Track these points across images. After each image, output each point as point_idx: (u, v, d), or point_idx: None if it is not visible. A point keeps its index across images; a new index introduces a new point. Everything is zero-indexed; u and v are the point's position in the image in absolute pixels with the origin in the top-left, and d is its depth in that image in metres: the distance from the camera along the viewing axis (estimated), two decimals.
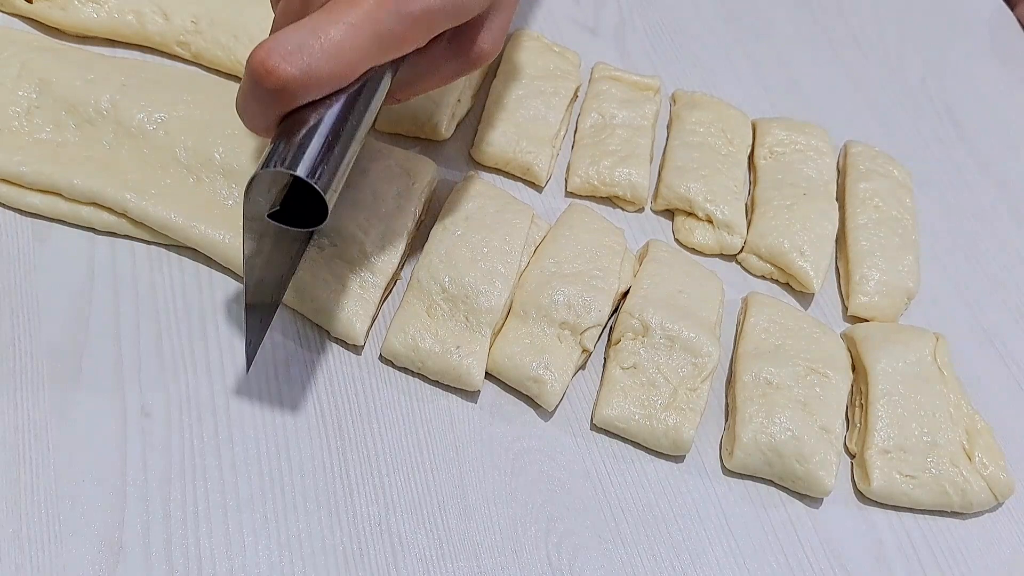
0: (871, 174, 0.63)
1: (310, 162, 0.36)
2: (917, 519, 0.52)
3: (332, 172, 0.37)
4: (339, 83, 0.38)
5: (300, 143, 0.37)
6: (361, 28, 0.37)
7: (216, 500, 0.45)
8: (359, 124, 0.39)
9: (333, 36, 0.36)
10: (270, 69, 0.36)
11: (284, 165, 0.36)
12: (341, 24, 0.37)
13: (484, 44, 0.43)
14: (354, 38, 0.37)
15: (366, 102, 0.39)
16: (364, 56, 0.37)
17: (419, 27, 0.39)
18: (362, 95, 0.39)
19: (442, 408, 0.50)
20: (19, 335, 0.47)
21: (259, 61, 0.36)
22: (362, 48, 0.37)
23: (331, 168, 0.37)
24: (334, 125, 0.38)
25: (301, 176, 0.36)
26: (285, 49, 0.36)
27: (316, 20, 0.37)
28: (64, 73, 0.53)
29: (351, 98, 0.39)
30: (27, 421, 0.45)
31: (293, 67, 0.36)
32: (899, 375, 0.53)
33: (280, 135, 0.38)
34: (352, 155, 0.39)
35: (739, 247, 0.60)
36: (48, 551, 0.42)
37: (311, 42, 0.36)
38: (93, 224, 0.51)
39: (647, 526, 0.49)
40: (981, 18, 0.81)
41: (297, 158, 0.36)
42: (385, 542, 0.45)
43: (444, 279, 0.50)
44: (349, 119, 0.38)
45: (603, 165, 0.59)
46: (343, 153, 0.38)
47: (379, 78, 0.40)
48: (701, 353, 0.51)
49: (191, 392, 0.47)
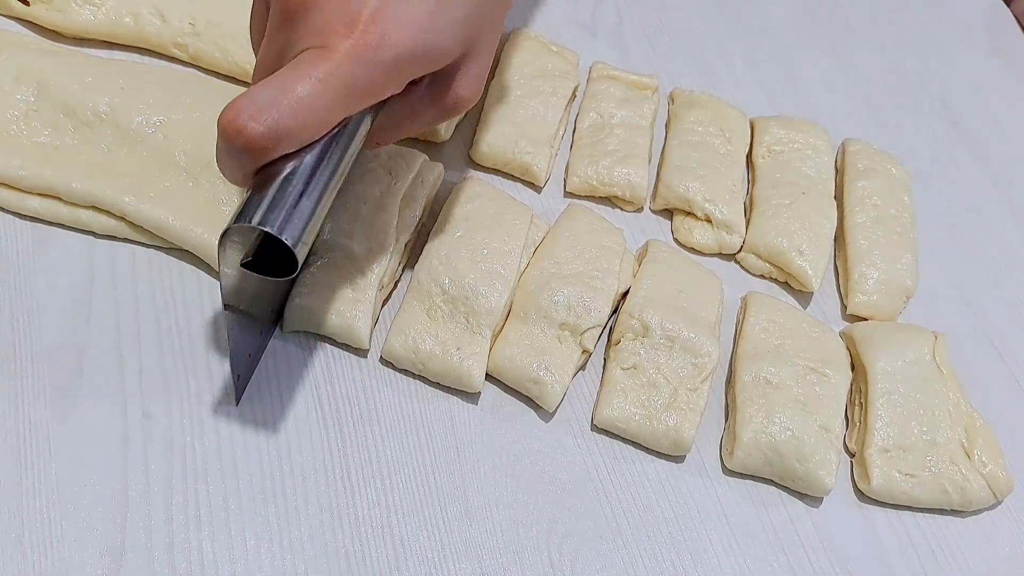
0: (869, 172, 0.63)
1: (280, 218, 0.37)
2: (917, 517, 0.52)
3: (302, 225, 0.38)
4: (309, 137, 0.38)
5: (272, 197, 0.37)
6: (329, 82, 0.37)
7: (218, 503, 0.45)
8: (334, 173, 0.40)
9: (300, 92, 0.36)
10: (239, 129, 0.36)
11: (254, 221, 0.37)
12: (309, 79, 0.37)
13: (461, 90, 0.43)
14: (323, 92, 0.37)
15: (341, 151, 0.40)
16: (334, 109, 0.38)
17: (390, 77, 0.39)
18: (337, 144, 0.39)
19: (443, 410, 0.50)
20: (20, 339, 0.47)
21: (228, 121, 0.36)
22: (331, 102, 0.37)
23: (300, 221, 0.38)
24: (307, 177, 0.38)
25: (271, 232, 0.37)
26: (253, 108, 0.36)
27: (284, 76, 0.37)
28: (62, 76, 0.52)
29: (325, 148, 0.39)
30: (28, 425, 0.45)
31: (261, 125, 0.36)
32: (898, 374, 0.53)
33: (254, 187, 0.38)
34: (326, 204, 0.40)
35: (738, 246, 0.60)
36: (50, 555, 0.42)
37: (279, 99, 0.36)
38: (92, 228, 0.51)
39: (648, 526, 0.49)
40: (978, 15, 0.81)
41: (267, 214, 0.37)
42: (387, 544, 0.45)
43: (444, 281, 0.50)
44: (323, 170, 0.39)
45: (602, 165, 0.59)
46: (315, 205, 0.38)
47: (356, 125, 0.40)
48: (701, 353, 0.51)
49: (192, 395, 0.47)
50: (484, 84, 0.44)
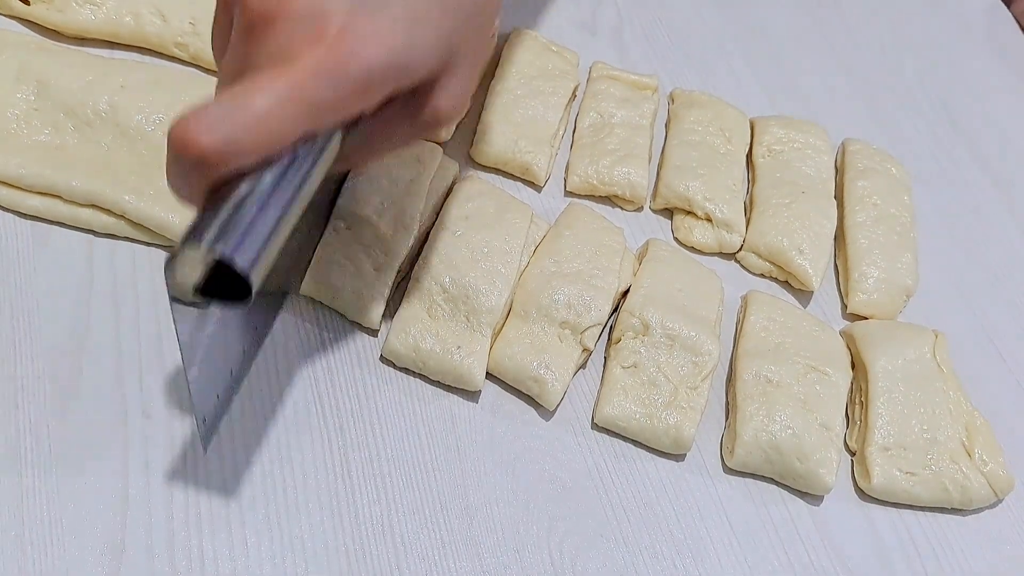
0: (869, 172, 0.63)
1: (233, 240, 0.33)
2: (917, 516, 0.52)
3: (257, 249, 0.34)
4: (266, 154, 0.35)
5: (225, 219, 0.34)
6: (290, 97, 0.34)
7: (218, 501, 0.45)
8: (296, 194, 0.36)
9: (258, 106, 0.34)
10: (188, 142, 0.33)
11: (204, 243, 0.33)
12: (268, 93, 0.34)
13: (441, 106, 0.40)
14: (282, 108, 0.34)
15: (304, 171, 0.36)
16: (293, 126, 0.35)
17: (358, 94, 0.36)
18: (300, 164, 0.36)
19: (443, 408, 0.50)
20: (19, 337, 0.47)
21: (178, 133, 0.34)
22: (291, 118, 0.34)
23: (254, 245, 0.34)
24: (264, 197, 0.35)
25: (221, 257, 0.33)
26: (207, 120, 0.33)
27: (242, 89, 0.34)
28: (62, 75, 0.52)
29: (287, 166, 0.35)
30: (28, 423, 0.45)
31: (213, 139, 0.33)
32: (899, 372, 0.53)
33: (207, 207, 0.35)
34: (287, 226, 0.36)
35: (738, 245, 0.60)
36: (50, 553, 0.42)
37: (234, 113, 0.34)
38: (92, 226, 0.51)
39: (648, 525, 0.49)
40: (978, 15, 0.81)
41: (219, 236, 0.33)
42: (387, 542, 0.45)
43: (445, 279, 0.50)
44: (282, 190, 0.35)
45: (602, 164, 0.59)
46: (273, 226, 0.35)
47: (323, 144, 0.37)
48: (701, 352, 0.51)
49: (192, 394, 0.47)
50: (467, 99, 0.41)
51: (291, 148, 0.35)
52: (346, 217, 0.51)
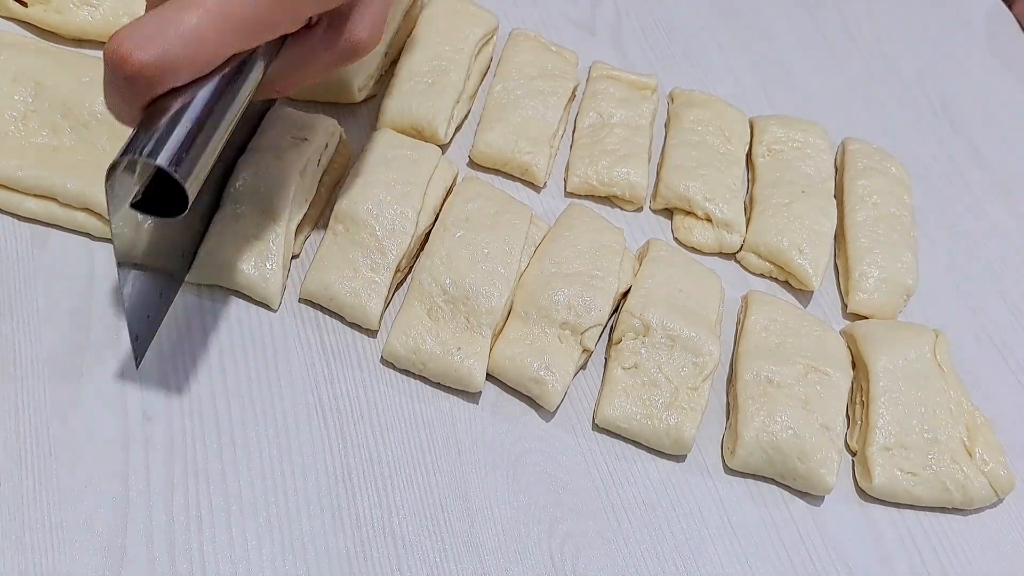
0: (869, 171, 0.63)
1: (170, 151, 0.36)
2: (918, 516, 0.52)
3: (193, 160, 0.36)
4: (198, 70, 0.37)
5: (162, 131, 0.36)
6: (220, 13, 0.36)
7: (219, 504, 0.45)
8: (225, 111, 0.38)
9: (189, 22, 0.35)
10: (124, 56, 0.35)
11: (143, 154, 0.35)
12: (199, 9, 0.36)
13: (359, 33, 0.42)
14: (213, 23, 0.36)
15: (233, 89, 0.38)
16: (224, 42, 0.37)
17: (283, 11, 0.38)
18: (229, 81, 0.38)
19: (443, 410, 0.50)
20: (20, 340, 0.47)
21: (113, 49, 0.35)
22: (222, 33, 0.36)
23: (192, 156, 0.36)
24: (198, 112, 0.37)
25: (161, 166, 0.35)
26: (140, 36, 0.35)
27: (173, 5, 0.36)
28: (60, 76, 0.52)
29: (217, 85, 0.38)
30: (29, 426, 0.45)
31: (147, 54, 0.35)
32: (900, 372, 0.53)
33: (143, 123, 0.37)
34: (218, 142, 0.38)
35: (738, 245, 0.60)
36: (51, 557, 0.42)
37: (167, 29, 0.35)
38: (88, 229, 0.50)
39: (649, 525, 0.49)
40: (978, 15, 0.81)
41: (157, 147, 0.36)
42: (388, 544, 0.45)
43: (445, 281, 0.50)
44: (216, 107, 0.38)
45: (601, 165, 0.59)
46: (206, 141, 0.37)
47: (250, 65, 0.39)
48: (702, 352, 0.51)
49: (192, 396, 0.47)
50: (382, 28, 0.43)
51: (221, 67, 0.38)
52: (344, 219, 0.51)
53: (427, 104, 0.57)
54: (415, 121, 0.57)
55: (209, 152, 0.38)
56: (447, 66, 0.59)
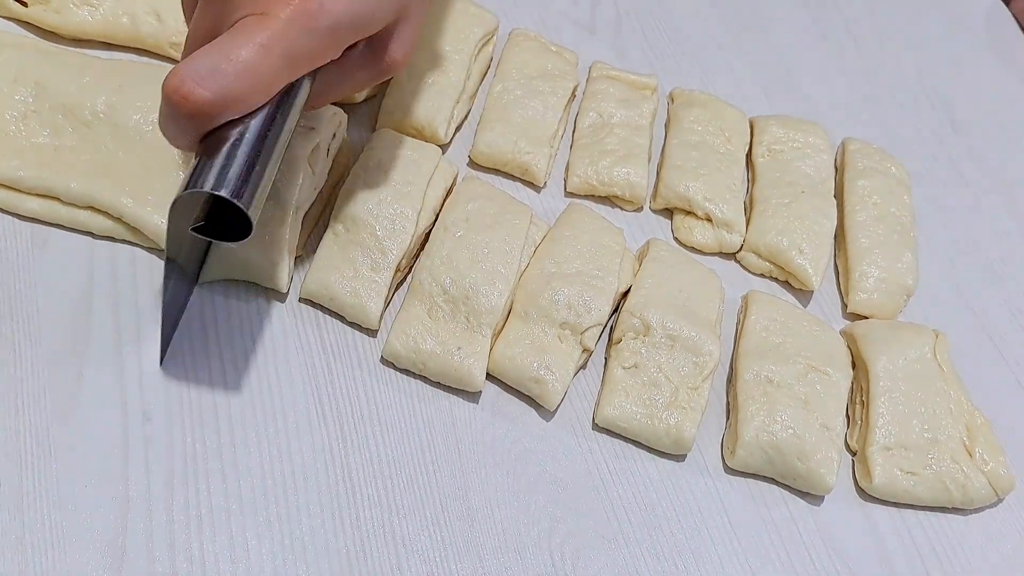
0: (869, 171, 0.63)
1: (234, 182, 0.38)
2: (918, 515, 0.52)
3: (254, 188, 0.38)
4: (255, 103, 0.38)
5: (223, 163, 0.38)
6: (272, 48, 0.38)
7: (219, 504, 0.45)
8: (279, 137, 0.40)
9: (245, 58, 0.37)
10: (185, 95, 0.36)
11: (209, 186, 0.37)
12: (252, 45, 0.37)
13: (395, 54, 0.45)
14: (266, 58, 0.37)
15: (284, 115, 0.40)
16: (277, 75, 0.38)
17: (329, 43, 0.40)
18: (281, 109, 0.40)
19: (444, 409, 0.50)
20: (19, 340, 0.47)
21: (173, 88, 0.37)
22: (274, 67, 0.38)
23: (253, 184, 0.38)
24: (255, 142, 0.39)
25: (226, 196, 0.37)
26: (198, 74, 0.37)
27: (227, 42, 0.37)
28: (60, 76, 0.52)
29: (271, 113, 0.40)
30: (29, 426, 0.45)
31: (207, 91, 0.36)
32: (900, 372, 0.53)
33: (202, 154, 0.39)
34: (274, 167, 0.40)
35: (738, 245, 0.60)
36: (51, 557, 0.42)
37: (223, 65, 0.37)
38: (91, 228, 0.50)
39: (649, 525, 0.49)
40: (978, 15, 0.81)
41: (221, 178, 0.37)
42: (388, 544, 0.45)
43: (445, 280, 0.50)
44: (269, 133, 0.39)
45: (601, 165, 0.59)
46: (264, 168, 0.39)
47: (297, 90, 0.41)
48: (702, 352, 0.51)
49: (192, 396, 0.47)
50: (415, 47, 0.46)
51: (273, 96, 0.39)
52: (344, 219, 0.51)
53: (427, 104, 0.57)
54: (415, 121, 0.57)
55: (267, 177, 0.39)
56: (447, 66, 0.59)
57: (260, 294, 0.51)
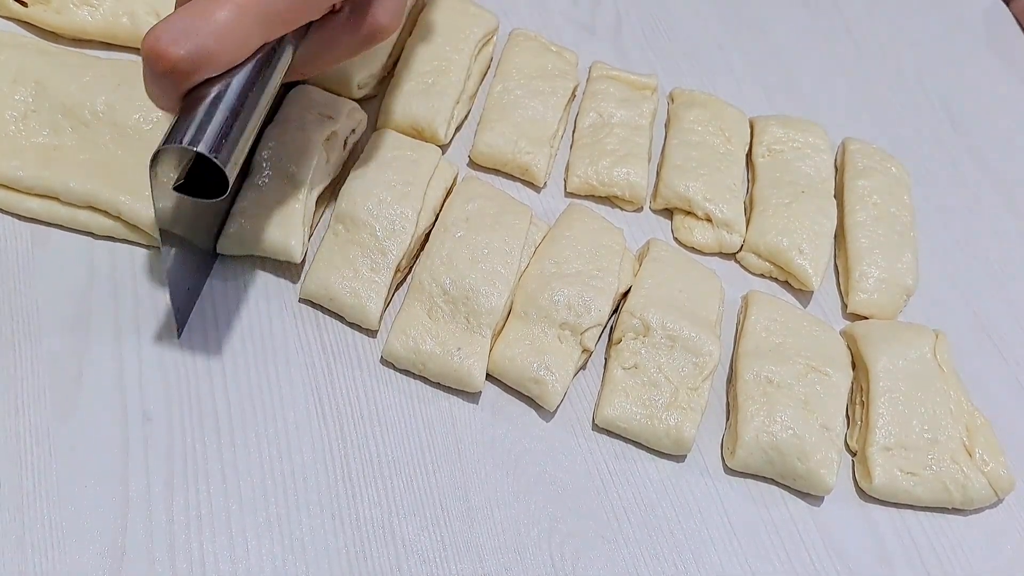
0: (869, 171, 0.63)
1: (211, 138, 0.38)
2: (918, 516, 0.52)
3: (232, 146, 0.39)
4: (231, 61, 0.39)
5: (200, 120, 0.38)
6: (248, 6, 0.38)
7: (219, 504, 0.45)
8: (259, 97, 0.40)
9: (220, 16, 0.38)
10: (160, 52, 0.37)
11: (185, 142, 0.38)
12: (228, 3, 0.38)
13: (380, 18, 0.44)
14: (242, 17, 0.38)
15: (266, 76, 0.41)
16: (254, 34, 0.39)
17: (307, 3, 0.40)
18: (262, 69, 0.40)
19: (443, 409, 0.50)
20: (19, 340, 0.47)
21: (150, 46, 0.37)
22: (251, 26, 0.38)
23: (231, 142, 0.39)
24: (234, 100, 0.39)
25: (203, 152, 0.38)
26: (174, 32, 0.37)
27: (203, 1, 0.38)
28: (60, 76, 0.52)
29: (250, 72, 0.40)
30: (28, 426, 0.45)
31: (182, 49, 0.37)
32: (900, 372, 0.53)
33: (182, 112, 0.39)
34: (253, 126, 0.41)
35: (738, 246, 0.60)
36: (51, 556, 0.42)
37: (199, 24, 0.37)
38: (91, 228, 0.50)
39: (649, 526, 0.49)
40: (977, 14, 0.81)
41: (198, 135, 0.38)
42: (388, 544, 0.45)
43: (445, 281, 0.50)
44: (249, 93, 0.40)
45: (601, 165, 0.59)
46: (243, 127, 0.40)
47: (279, 52, 0.41)
48: (702, 352, 0.51)
49: (192, 396, 0.47)
50: (403, 13, 0.45)
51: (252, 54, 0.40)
52: (344, 219, 0.51)
53: (427, 104, 0.57)
54: (415, 121, 0.57)
55: (246, 136, 0.40)
56: (447, 66, 0.59)
57: (261, 293, 0.51)
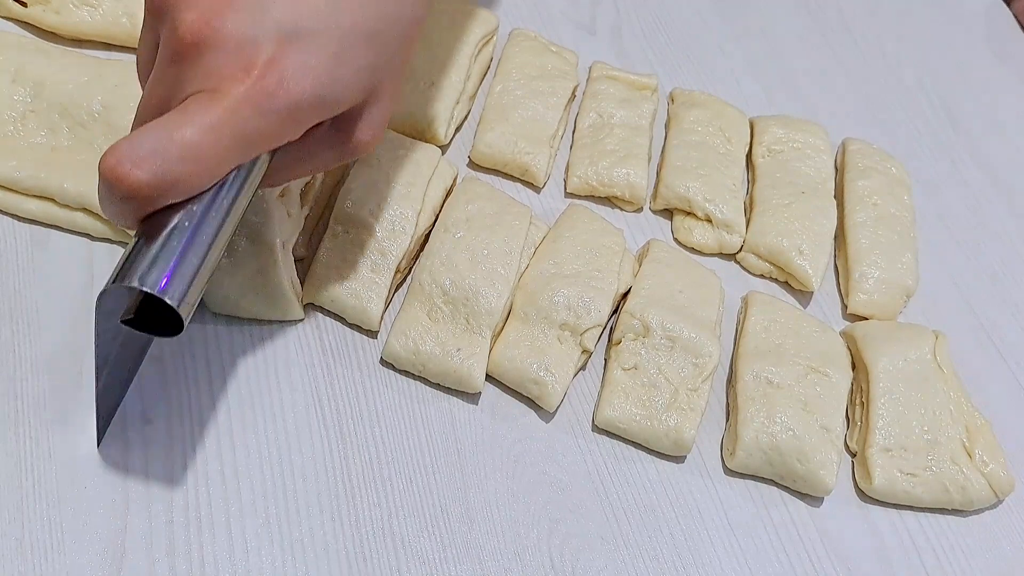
0: (869, 171, 0.63)
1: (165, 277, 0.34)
2: (918, 517, 0.52)
3: (186, 283, 0.35)
4: (199, 186, 0.35)
5: (156, 253, 0.34)
6: (221, 128, 0.34)
7: (219, 505, 0.45)
8: (224, 222, 0.36)
9: (189, 138, 0.34)
10: (120, 177, 0.33)
11: (136, 281, 0.34)
12: (198, 125, 0.34)
13: (362, 135, 0.41)
14: (213, 139, 0.34)
15: (233, 198, 0.37)
16: (224, 157, 0.35)
17: (287, 125, 0.36)
18: (229, 191, 0.36)
19: (443, 410, 0.50)
20: (19, 342, 0.47)
21: (109, 167, 0.33)
22: (222, 149, 0.35)
23: (185, 279, 0.35)
24: (195, 229, 0.35)
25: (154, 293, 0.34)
26: (137, 154, 0.33)
27: (172, 120, 0.34)
28: (58, 76, 0.52)
29: (216, 195, 0.36)
30: (28, 428, 0.45)
31: (145, 173, 0.33)
32: (900, 373, 0.53)
33: (139, 237, 0.35)
34: (217, 256, 0.37)
35: (738, 246, 0.60)
36: (50, 558, 0.42)
37: (165, 145, 0.34)
38: (88, 230, 0.50)
39: (649, 527, 0.49)
40: (978, 14, 0.81)
41: (148, 273, 0.34)
42: (388, 545, 0.45)
43: (445, 282, 0.50)
44: (212, 219, 0.36)
45: (601, 165, 0.59)
46: (202, 259, 0.36)
47: (249, 170, 0.37)
48: (702, 353, 0.51)
49: (192, 397, 0.47)
50: (384, 128, 0.42)
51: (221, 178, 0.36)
52: (343, 220, 0.51)
53: (427, 105, 0.57)
54: (415, 121, 0.57)
55: (205, 271, 0.36)
56: (447, 66, 0.59)
57: None
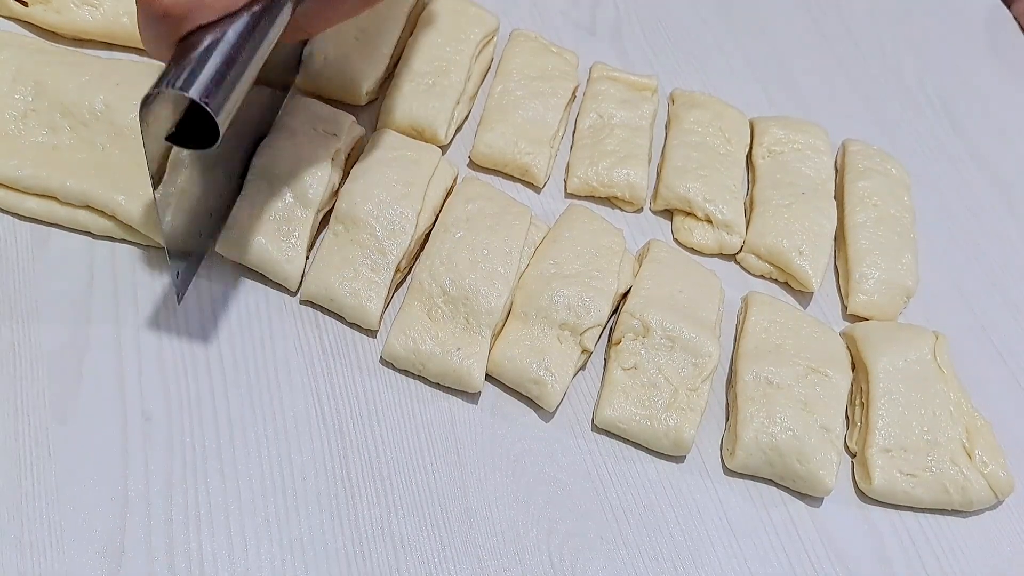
0: (869, 172, 0.63)
1: (202, 84, 0.37)
2: (918, 517, 0.52)
3: (225, 94, 0.38)
4: (226, 8, 0.38)
5: (193, 65, 0.37)
6: None
7: (218, 504, 0.45)
8: (256, 47, 0.39)
9: None
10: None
11: (176, 87, 0.37)
12: None
13: None
14: None
15: (263, 28, 0.40)
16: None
17: None
18: (259, 20, 0.39)
19: (443, 410, 0.50)
20: (19, 340, 0.47)
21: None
22: None
23: (224, 90, 0.38)
24: (229, 47, 0.38)
25: (193, 97, 0.37)
26: None
27: None
28: (60, 75, 0.52)
29: (247, 23, 0.39)
30: (28, 426, 0.45)
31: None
32: (900, 374, 0.53)
33: (175, 57, 0.38)
34: (248, 78, 0.39)
35: (738, 247, 0.60)
36: (50, 556, 0.42)
37: None
38: (89, 228, 0.50)
39: (648, 527, 0.49)
40: (978, 16, 0.81)
41: (189, 80, 0.37)
42: (387, 544, 0.45)
43: (445, 281, 0.50)
44: (244, 42, 0.39)
45: (602, 166, 0.59)
46: (237, 76, 0.38)
47: (278, 5, 0.40)
48: (701, 353, 0.51)
49: (192, 396, 0.47)
50: None
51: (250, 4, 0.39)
52: (344, 219, 0.51)
53: (427, 105, 0.57)
54: (415, 122, 0.57)
55: (240, 87, 0.39)
56: (448, 67, 0.59)
57: (261, 293, 0.51)
